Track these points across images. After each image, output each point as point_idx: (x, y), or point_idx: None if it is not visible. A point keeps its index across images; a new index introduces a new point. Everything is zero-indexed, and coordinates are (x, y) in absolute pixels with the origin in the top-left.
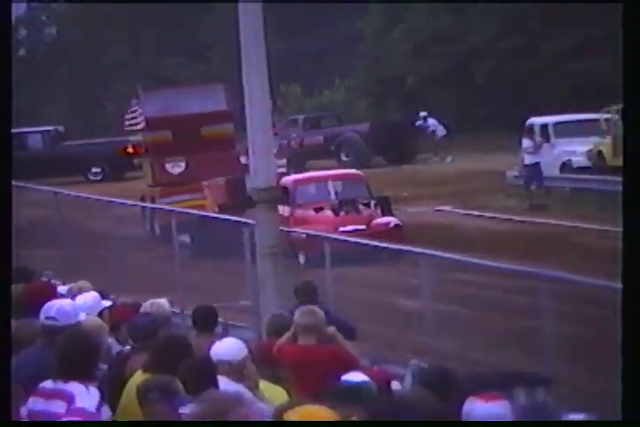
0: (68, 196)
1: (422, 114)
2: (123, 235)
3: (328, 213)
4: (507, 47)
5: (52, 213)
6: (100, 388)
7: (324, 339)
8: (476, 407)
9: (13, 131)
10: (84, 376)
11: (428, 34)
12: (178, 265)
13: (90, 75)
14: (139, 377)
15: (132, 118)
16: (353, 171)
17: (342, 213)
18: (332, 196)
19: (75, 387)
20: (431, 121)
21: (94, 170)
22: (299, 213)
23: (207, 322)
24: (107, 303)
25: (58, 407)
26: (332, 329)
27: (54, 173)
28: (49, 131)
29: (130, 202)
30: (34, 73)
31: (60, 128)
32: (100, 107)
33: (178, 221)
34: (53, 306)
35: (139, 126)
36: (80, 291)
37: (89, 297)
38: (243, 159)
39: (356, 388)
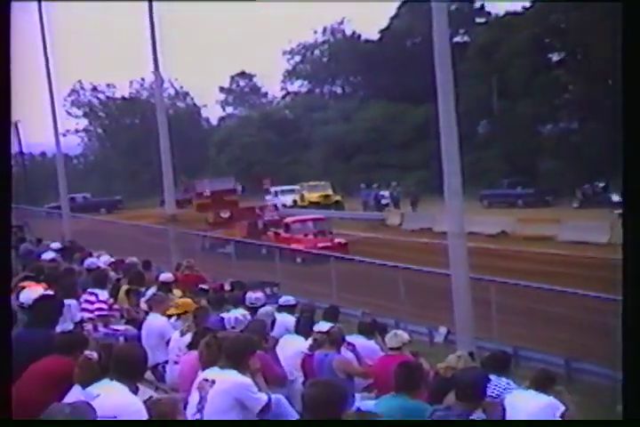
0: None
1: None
2: (131, 235)
3: (311, 236)
4: (277, 162)
5: (92, 225)
6: (109, 292)
7: (193, 272)
8: (251, 295)
9: (83, 195)
10: (102, 287)
11: (231, 154)
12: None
13: (119, 180)
14: (125, 287)
15: (197, 193)
16: (321, 216)
17: (319, 237)
18: (311, 228)
19: (98, 291)
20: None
21: (102, 210)
22: (295, 237)
23: (148, 266)
24: (112, 260)
25: (92, 298)
26: (197, 268)
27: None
28: (85, 196)
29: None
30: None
31: (88, 195)
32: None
33: (220, 242)
34: (89, 261)
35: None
36: (100, 256)
37: (106, 258)
38: (257, 210)
39: (203, 290)
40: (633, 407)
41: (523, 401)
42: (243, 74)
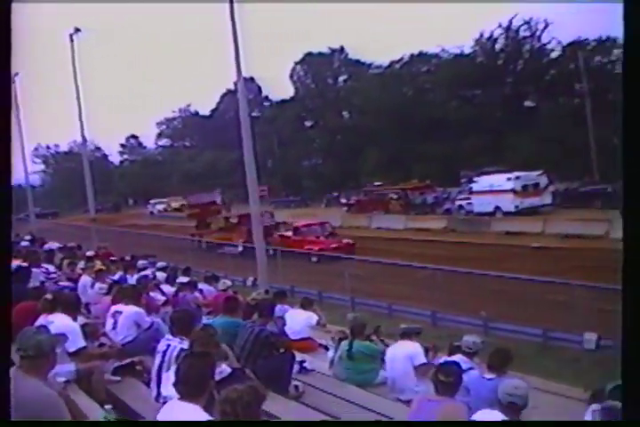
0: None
1: None
2: (68, 231)
3: (323, 238)
4: (152, 186)
5: (46, 226)
6: (57, 265)
7: (107, 250)
8: (139, 262)
9: (39, 209)
10: (52, 262)
11: (127, 182)
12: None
13: (61, 199)
14: (66, 261)
15: (189, 204)
16: (325, 220)
17: (330, 238)
18: (318, 231)
19: (49, 265)
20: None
21: (49, 217)
22: (307, 238)
23: (80, 248)
24: (59, 245)
25: (45, 269)
26: (109, 248)
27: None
28: (40, 209)
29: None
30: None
31: (38, 209)
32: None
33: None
34: (46, 246)
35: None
36: (52, 243)
37: (56, 244)
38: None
39: (112, 261)
40: (633, 407)
41: (294, 315)
42: (132, 136)
